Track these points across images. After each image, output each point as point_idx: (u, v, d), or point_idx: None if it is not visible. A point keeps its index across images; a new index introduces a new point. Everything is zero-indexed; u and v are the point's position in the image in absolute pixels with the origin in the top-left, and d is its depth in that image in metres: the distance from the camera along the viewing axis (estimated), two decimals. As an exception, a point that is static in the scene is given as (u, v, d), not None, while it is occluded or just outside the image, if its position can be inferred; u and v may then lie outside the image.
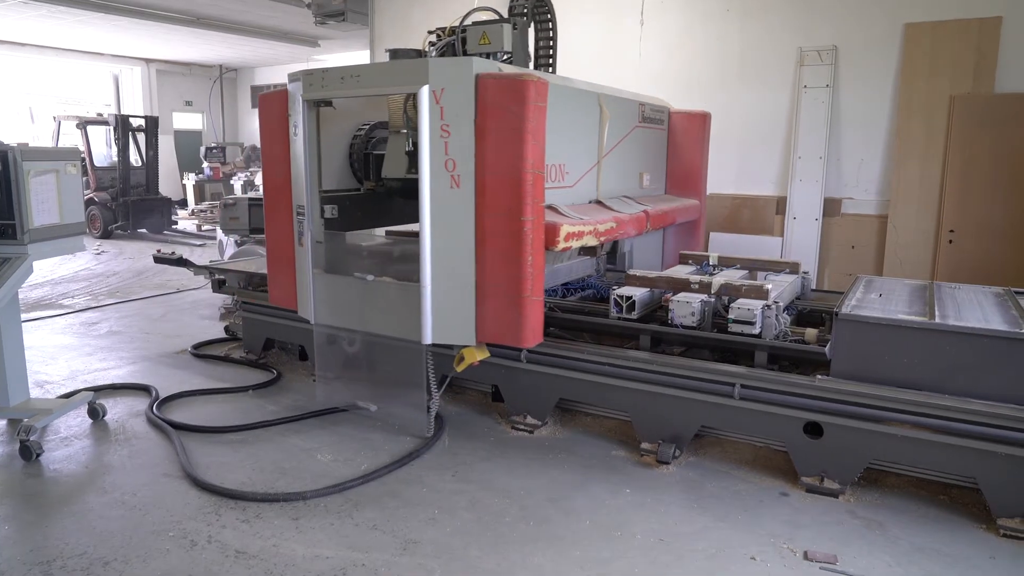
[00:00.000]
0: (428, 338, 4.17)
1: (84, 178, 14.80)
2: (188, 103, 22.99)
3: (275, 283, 5.12)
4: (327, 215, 4.74)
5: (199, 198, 18.87)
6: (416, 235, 6.00)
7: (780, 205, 7.48)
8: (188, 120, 23.17)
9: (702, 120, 6.55)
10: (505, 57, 4.60)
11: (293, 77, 4.53)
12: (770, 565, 3.24)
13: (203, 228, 15.96)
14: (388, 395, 4.85)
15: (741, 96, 7.57)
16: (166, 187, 17.56)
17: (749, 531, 3.51)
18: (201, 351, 6.48)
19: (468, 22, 4.64)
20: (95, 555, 3.27)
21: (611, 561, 3.26)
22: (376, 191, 5.10)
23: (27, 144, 12.19)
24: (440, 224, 4.03)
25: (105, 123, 15.61)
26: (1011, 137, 6.25)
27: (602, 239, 4.59)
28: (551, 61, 5.47)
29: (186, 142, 22.33)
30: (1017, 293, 4.54)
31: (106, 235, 14.73)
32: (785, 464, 4.08)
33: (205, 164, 20.06)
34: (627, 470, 4.15)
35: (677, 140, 6.54)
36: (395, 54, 4.46)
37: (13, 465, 4.18)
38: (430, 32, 4.78)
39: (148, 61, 21.24)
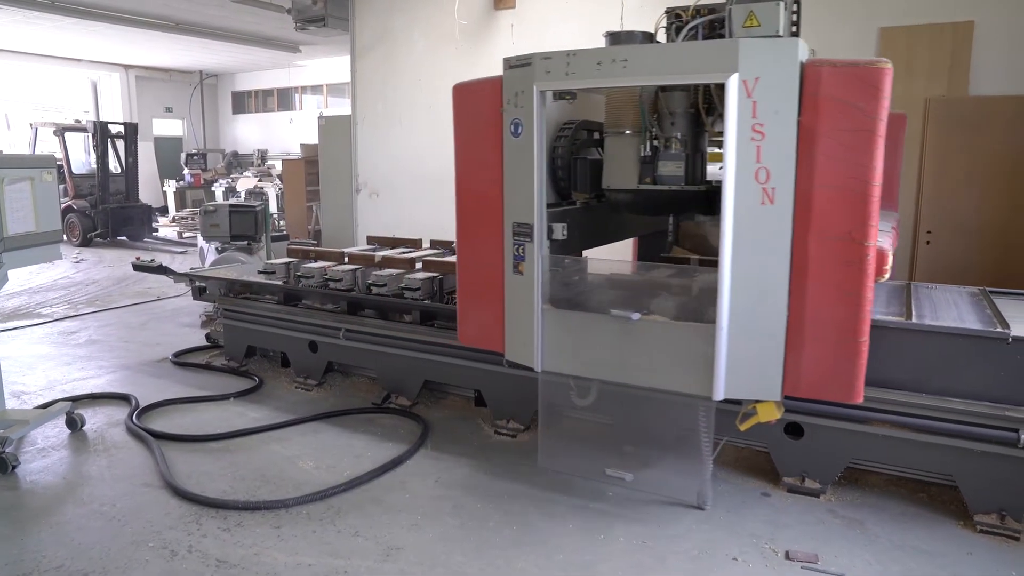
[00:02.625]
0: (720, 393, 3.33)
1: (62, 185, 14.66)
2: (168, 109, 22.86)
3: (469, 318, 4.17)
4: (557, 235, 3.79)
5: (180, 205, 18.73)
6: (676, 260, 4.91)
7: (760, 207, 7.52)
8: (168, 126, 23.03)
9: (900, 122, 5.78)
10: None
11: (517, 62, 3.67)
12: (752, 565, 3.26)
13: (184, 235, 15.84)
14: (646, 460, 4.02)
15: (721, 100, 7.62)
16: (146, 194, 17.42)
17: (731, 532, 3.53)
18: (182, 359, 6.43)
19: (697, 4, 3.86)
20: (73, 567, 3.23)
21: (595, 564, 3.27)
22: (590, 204, 4.31)
23: (1, 151, 12.04)
24: (745, 249, 3.21)
25: (83, 130, 15.47)
26: (985, 139, 6.34)
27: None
28: None
29: (166, 148, 22.19)
30: (992, 293, 4.60)
31: (85, 243, 14.58)
32: (766, 464, 4.11)
33: (186, 171, 19.94)
34: (610, 473, 4.16)
35: None
36: (616, 38, 3.75)
37: (-11, 477, 4.13)
38: (668, 11, 3.92)
39: (127, 67, 21.10)
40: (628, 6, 8.05)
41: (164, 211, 18.77)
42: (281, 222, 14.15)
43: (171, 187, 19.26)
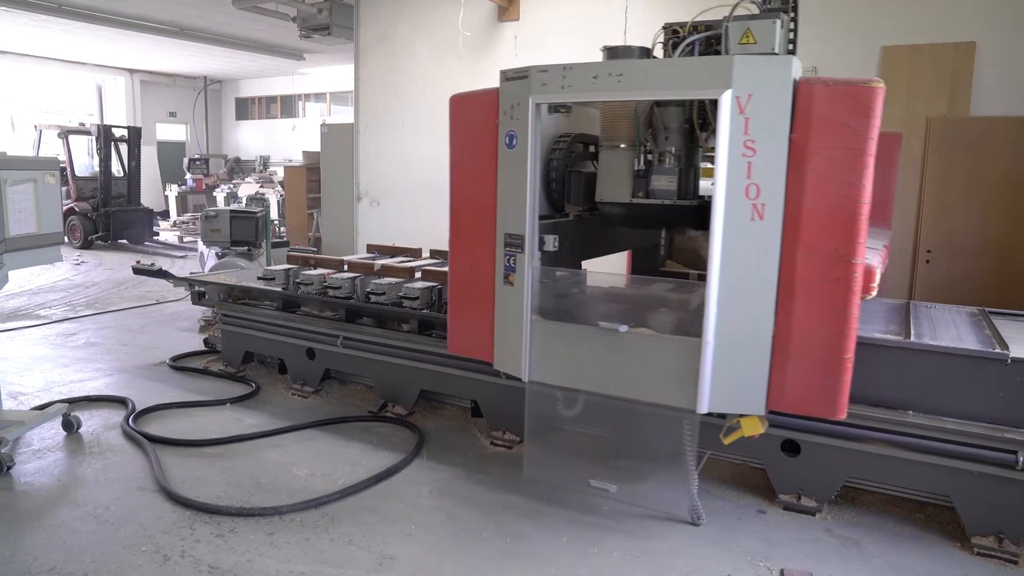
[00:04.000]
0: (704, 406, 3.37)
1: (64, 188, 14.68)
2: (172, 114, 22.92)
3: (460, 328, 4.23)
4: (548, 247, 3.84)
5: (181, 209, 18.78)
6: (672, 274, 5.08)
7: (760, 223, 7.53)
8: (171, 131, 23.09)
9: (895, 141, 5.78)
10: None
11: (514, 74, 3.73)
12: (746, 582, 3.25)
13: (184, 240, 15.86)
14: (631, 472, 4.05)
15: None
16: (148, 198, 17.46)
17: (726, 548, 3.52)
18: (179, 363, 6.42)
19: (703, 18, 3.91)
20: (65, 570, 3.21)
21: (588, 578, 3.25)
22: (583, 217, 4.36)
23: (5, 153, 12.10)
24: (734, 264, 3.25)
25: (87, 133, 15.52)
26: (986, 159, 6.36)
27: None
28: None
29: (169, 153, 22.24)
30: (991, 313, 4.60)
31: (86, 245, 14.59)
32: (763, 482, 4.10)
33: (188, 175, 19.97)
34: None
35: None
36: (613, 52, 3.77)
37: (-17, 478, 4.11)
38: (665, 27, 4.01)
39: (132, 71, 21.17)
40: (631, 19, 8.10)
41: (165, 215, 18.82)
42: (282, 229, 14.17)
43: (173, 191, 19.32)
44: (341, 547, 3.45)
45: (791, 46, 4.14)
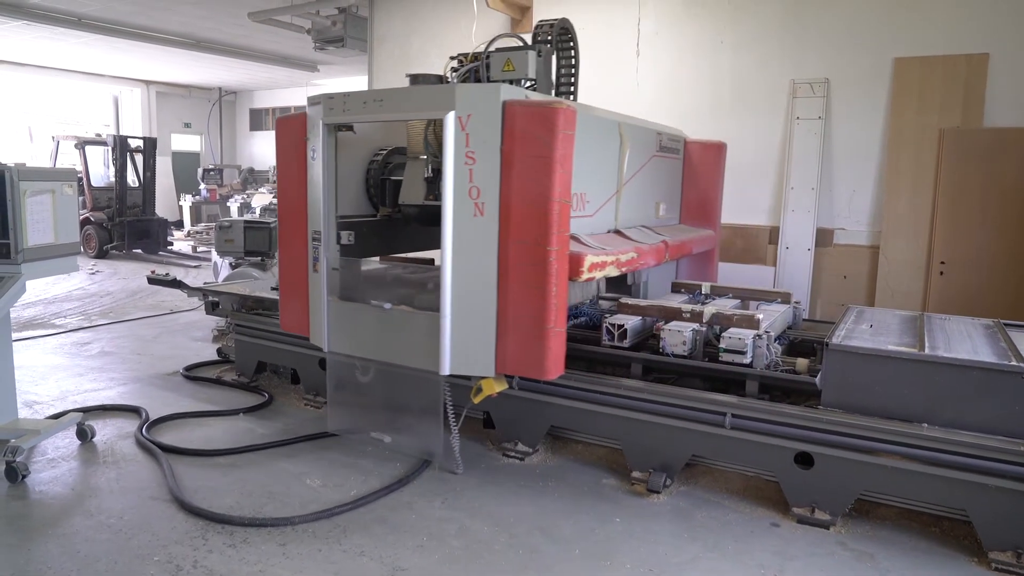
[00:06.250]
0: (446, 369, 4.07)
1: (81, 198, 14.83)
2: (187, 125, 23.14)
3: (287, 309, 5.01)
4: (344, 241, 4.68)
5: (195, 219, 18.91)
6: (421, 262, 6.11)
7: (773, 235, 7.52)
8: (186, 142, 23.31)
9: (718, 150, 6.53)
10: (528, 84, 4.58)
11: (313, 100, 4.48)
12: (760, 597, 3.22)
13: (198, 250, 15.97)
14: (403, 426, 4.69)
15: (734, 126, 7.65)
16: (163, 208, 17.61)
17: (739, 562, 3.49)
18: (193, 373, 6.45)
19: (490, 49, 4.62)
20: (78, 579, 3.23)
21: (600, 591, 3.24)
22: (392, 217, 5.10)
23: (24, 164, 12.24)
24: (462, 253, 3.96)
25: (103, 143, 15.69)
26: (1000, 170, 6.33)
27: (623, 269, 4.56)
28: (573, 89, 5.43)
29: (184, 163, 22.44)
30: (1007, 325, 4.56)
31: (101, 255, 14.72)
32: (776, 494, 4.07)
33: (202, 186, 20.13)
34: (617, 498, 4.13)
35: (693, 170, 6.49)
36: (415, 79, 4.42)
37: (-1, 486, 4.14)
38: (452, 58, 4.76)
39: (148, 83, 21.41)
40: (643, 31, 8.12)
41: (179, 225, 18.96)
42: (295, 239, 14.22)
43: (187, 201, 19.46)
44: (353, 558, 3.46)
45: (573, 70, 5.40)
